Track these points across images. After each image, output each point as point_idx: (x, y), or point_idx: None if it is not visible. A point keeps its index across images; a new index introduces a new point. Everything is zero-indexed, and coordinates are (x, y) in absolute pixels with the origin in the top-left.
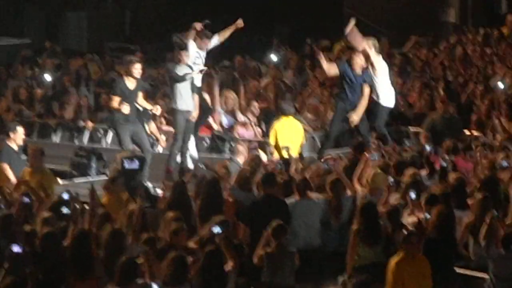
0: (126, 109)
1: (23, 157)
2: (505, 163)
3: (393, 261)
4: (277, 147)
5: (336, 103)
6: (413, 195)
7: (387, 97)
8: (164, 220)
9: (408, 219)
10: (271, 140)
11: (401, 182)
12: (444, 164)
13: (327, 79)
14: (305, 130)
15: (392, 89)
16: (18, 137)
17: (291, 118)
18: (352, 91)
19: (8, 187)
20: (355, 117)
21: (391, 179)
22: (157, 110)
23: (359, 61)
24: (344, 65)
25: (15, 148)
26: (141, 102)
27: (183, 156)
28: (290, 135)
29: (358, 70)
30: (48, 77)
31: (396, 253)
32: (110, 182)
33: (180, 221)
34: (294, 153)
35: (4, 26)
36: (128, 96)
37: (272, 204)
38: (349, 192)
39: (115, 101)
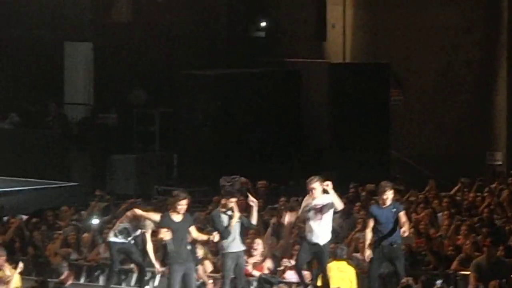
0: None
1: None
2: None
3: None
4: None
5: (374, 248)
6: None
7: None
8: None
9: None
10: (317, 282)
11: None
12: None
13: None
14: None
15: None
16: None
17: (343, 262)
18: (386, 226)
19: None
20: (407, 230)
21: None
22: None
23: (388, 196)
24: (372, 208)
25: None
26: (196, 235)
27: None
28: (337, 279)
29: (387, 203)
30: (95, 221)
31: None
32: None
33: None
34: None
35: (51, 169)
36: (175, 230)
37: None
38: None
39: (162, 232)
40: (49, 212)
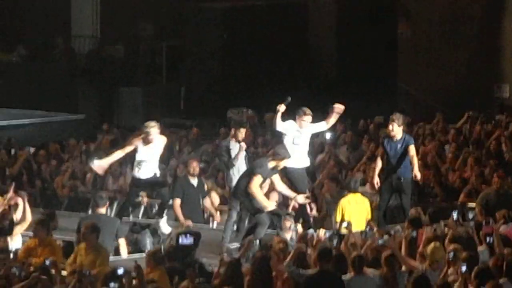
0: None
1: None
2: None
3: None
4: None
5: (383, 180)
6: (464, 268)
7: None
8: None
9: None
10: (337, 217)
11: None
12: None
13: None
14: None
15: None
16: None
17: (358, 194)
18: (394, 159)
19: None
20: (418, 173)
21: (451, 253)
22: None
23: (393, 129)
24: (384, 139)
25: None
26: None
27: (239, 232)
28: (355, 211)
29: (395, 136)
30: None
31: None
32: (152, 257)
33: None
34: (358, 229)
35: (58, 102)
36: None
37: (328, 280)
38: (404, 268)
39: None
40: (56, 145)
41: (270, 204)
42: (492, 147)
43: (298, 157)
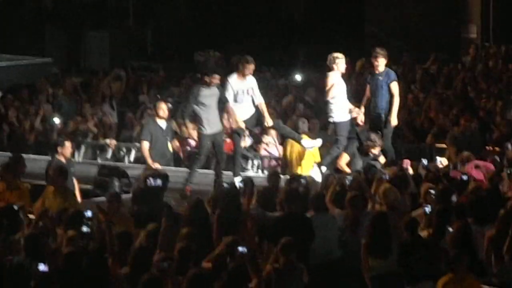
0: None
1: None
2: None
3: (441, 281)
4: (289, 162)
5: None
6: (427, 209)
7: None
8: (179, 237)
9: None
10: (283, 155)
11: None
12: (465, 178)
13: None
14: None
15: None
16: (66, 151)
17: (304, 136)
18: (374, 94)
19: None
20: (394, 119)
21: (432, 192)
22: None
23: (376, 63)
24: (367, 77)
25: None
26: None
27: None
28: (299, 153)
29: (379, 68)
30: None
31: (445, 274)
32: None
33: (192, 239)
34: (302, 171)
35: (25, 45)
36: None
37: (297, 221)
38: (370, 207)
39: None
40: (24, 88)
41: None
42: (459, 88)
43: (247, 113)
